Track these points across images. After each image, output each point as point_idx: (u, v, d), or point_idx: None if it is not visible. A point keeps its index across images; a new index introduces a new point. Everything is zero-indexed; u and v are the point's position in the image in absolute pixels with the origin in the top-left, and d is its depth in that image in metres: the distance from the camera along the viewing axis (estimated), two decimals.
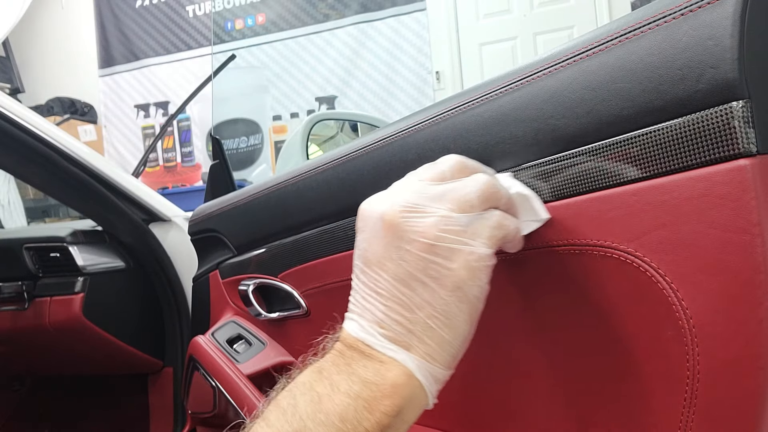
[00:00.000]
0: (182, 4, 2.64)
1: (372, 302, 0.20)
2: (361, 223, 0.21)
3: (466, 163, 0.22)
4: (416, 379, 0.19)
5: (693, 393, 0.21)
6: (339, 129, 0.93)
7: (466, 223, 0.19)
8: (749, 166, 0.19)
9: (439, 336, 0.19)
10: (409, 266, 0.19)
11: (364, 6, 2.31)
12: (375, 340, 0.19)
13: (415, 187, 0.21)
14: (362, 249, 0.21)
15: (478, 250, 0.19)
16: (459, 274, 0.19)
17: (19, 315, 0.69)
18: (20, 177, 0.66)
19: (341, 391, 0.18)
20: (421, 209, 0.20)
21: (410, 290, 0.19)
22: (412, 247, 0.19)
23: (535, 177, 0.25)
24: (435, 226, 0.19)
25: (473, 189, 0.20)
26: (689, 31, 0.20)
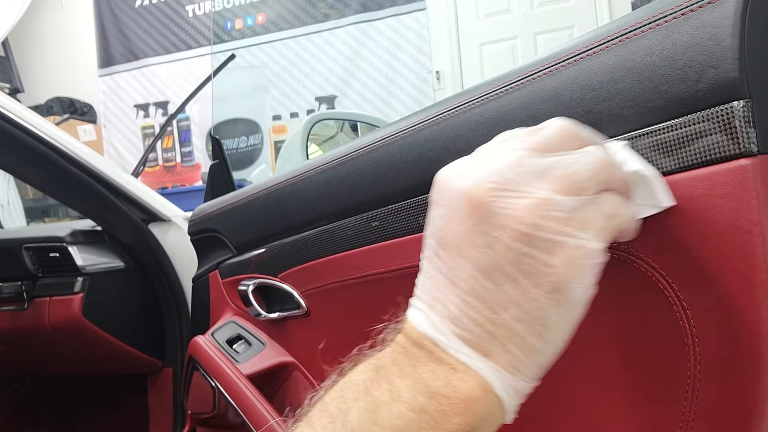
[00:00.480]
0: (182, 4, 2.64)
1: (446, 293, 0.16)
2: (437, 196, 0.17)
3: (577, 132, 0.17)
4: (494, 394, 0.15)
5: (694, 393, 0.21)
6: (339, 129, 0.93)
7: (573, 208, 0.15)
8: (750, 166, 0.19)
9: (527, 344, 0.15)
10: (497, 257, 0.15)
11: (364, 6, 2.31)
12: (447, 340, 0.16)
13: (510, 158, 0.16)
14: (437, 227, 0.17)
15: (588, 244, 0.15)
16: (560, 273, 0.15)
17: (18, 315, 0.69)
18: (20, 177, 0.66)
19: (402, 401, 0.15)
20: (517, 187, 0.15)
21: (495, 286, 0.15)
22: (503, 234, 0.15)
23: None
24: (534, 211, 0.15)
25: (585, 166, 0.16)
26: (690, 30, 0.20)
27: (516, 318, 0.15)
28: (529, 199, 0.15)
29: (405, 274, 0.33)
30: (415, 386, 0.15)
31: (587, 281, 0.16)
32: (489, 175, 0.16)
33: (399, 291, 0.34)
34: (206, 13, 2.60)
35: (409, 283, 0.34)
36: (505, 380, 0.15)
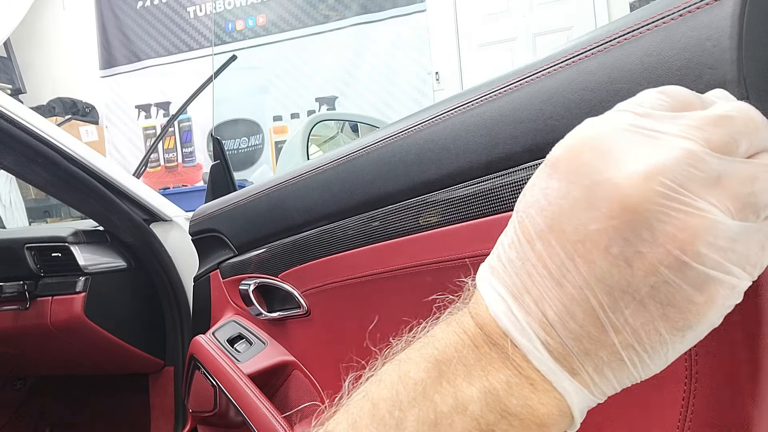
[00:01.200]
0: (183, 5, 2.65)
1: (545, 291, 0.13)
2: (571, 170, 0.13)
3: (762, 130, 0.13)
4: (570, 417, 0.13)
5: (691, 393, 0.21)
6: (339, 129, 0.93)
7: (737, 236, 0.12)
8: None
9: (626, 371, 0.13)
10: (633, 276, 0.12)
11: (364, 7, 2.31)
12: (533, 348, 0.13)
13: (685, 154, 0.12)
14: (556, 207, 0.13)
15: (741, 284, 0.12)
16: (702, 312, 0.12)
17: (20, 315, 0.69)
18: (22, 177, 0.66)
19: (469, 416, 0.13)
20: (688, 199, 0.12)
21: (615, 305, 0.12)
22: (653, 253, 0.12)
23: None
24: (702, 236, 0.12)
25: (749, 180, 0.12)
26: (688, 32, 0.20)
27: (627, 345, 0.13)
28: (699, 218, 0.12)
29: (405, 273, 0.33)
30: (486, 399, 0.13)
31: (718, 320, 0.13)
32: (658, 174, 0.12)
33: (399, 290, 0.34)
34: (207, 15, 2.60)
35: (409, 282, 0.34)
36: (585, 401, 0.13)
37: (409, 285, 0.33)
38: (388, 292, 0.35)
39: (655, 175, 0.12)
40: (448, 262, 0.30)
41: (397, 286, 0.34)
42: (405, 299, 0.34)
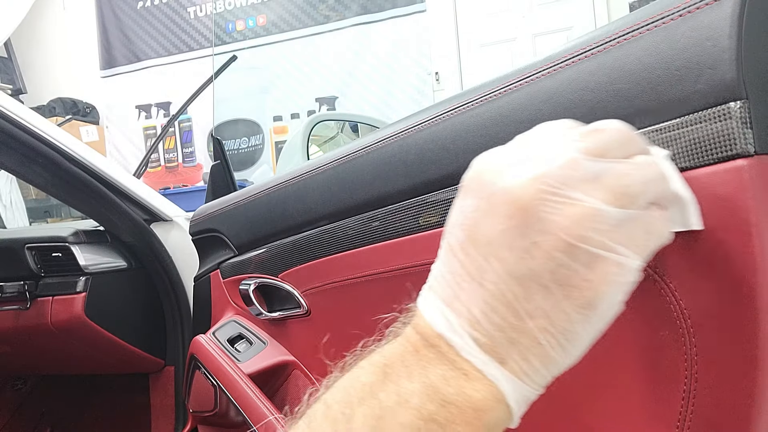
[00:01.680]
0: (183, 6, 2.65)
1: (469, 293, 0.15)
2: (475, 185, 0.16)
3: (634, 138, 0.16)
4: (506, 404, 0.15)
5: (690, 392, 0.21)
6: (339, 129, 0.93)
7: (620, 222, 0.14)
8: (747, 167, 0.19)
9: (547, 355, 0.15)
10: (535, 264, 0.14)
11: (364, 7, 2.31)
12: (464, 343, 0.15)
13: (567, 158, 0.15)
14: (470, 220, 0.15)
15: (628, 262, 0.15)
16: (596, 289, 0.14)
17: (21, 314, 0.69)
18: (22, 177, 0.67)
19: (411, 407, 0.14)
20: (568, 193, 0.14)
21: (526, 293, 0.14)
22: (545, 241, 0.14)
23: None
24: (582, 221, 0.14)
25: (639, 179, 0.15)
26: (687, 32, 0.20)
27: (542, 328, 0.15)
28: (579, 207, 0.14)
29: (405, 273, 0.33)
30: (425, 392, 0.14)
31: (619, 298, 0.15)
32: (540, 176, 0.15)
33: (399, 290, 0.34)
34: (208, 15, 2.60)
35: (408, 282, 0.34)
36: (518, 389, 0.15)
37: (409, 285, 0.33)
38: (389, 292, 0.35)
39: (538, 177, 0.15)
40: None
41: (398, 286, 0.34)
42: (405, 299, 0.34)
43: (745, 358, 0.19)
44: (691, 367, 0.21)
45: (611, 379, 0.24)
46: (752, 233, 0.19)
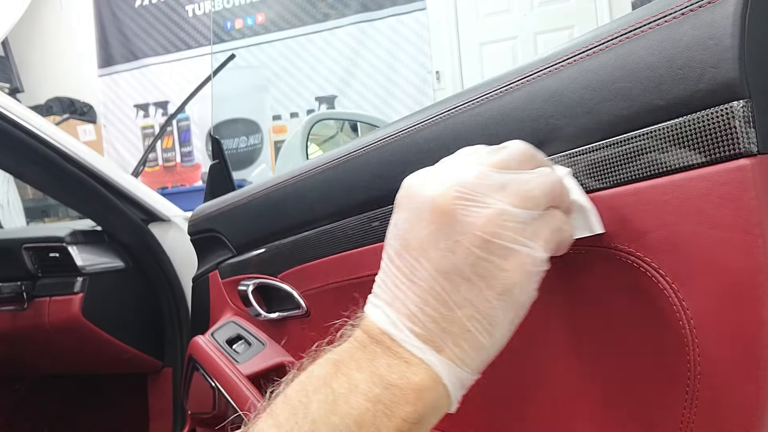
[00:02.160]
0: (182, 4, 2.64)
1: (405, 292, 0.17)
2: (404, 200, 0.19)
3: (534, 154, 0.20)
4: (443, 385, 0.17)
5: (693, 393, 0.21)
6: (339, 129, 0.93)
7: (526, 221, 0.17)
8: (750, 166, 0.19)
9: (476, 340, 0.17)
10: (457, 259, 0.17)
11: (364, 5, 2.31)
12: (403, 336, 0.17)
13: (475, 172, 0.18)
14: (402, 230, 0.18)
15: (536, 253, 0.17)
16: (511, 277, 0.17)
17: (18, 315, 0.69)
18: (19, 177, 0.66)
19: (360, 392, 0.16)
20: (480, 198, 0.17)
21: (453, 286, 0.17)
22: (464, 239, 0.17)
23: None
24: (493, 220, 0.17)
25: (539, 185, 0.18)
26: (690, 30, 0.20)
27: (469, 316, 0.17)
28: (490, 209, 0.17)
29: None
30: (372, 379, 0.16)
31: (532, 286, 0.18)
32: (455, 185, 0.18)
33: None
34: (206, 13, 2.59)
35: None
36: (453, 373, 0.17)
37: None
38: None
39: (453, 186, 0.18)
40: None
41: None
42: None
43: (749, 359, 0.19)
44: (693, 368, 0.20)
45: (613, 380, 0.24)
46: (755, 233, 0.19)
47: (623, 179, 0.22)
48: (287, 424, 0.16)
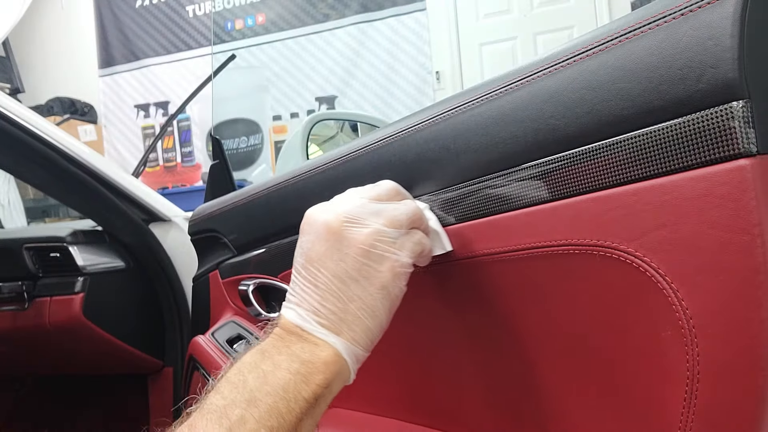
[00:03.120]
0: (182, 4, 2.64)
1: (310, 294, 0.24)
2: (306, 227, 0.25)
3: (399, 190, 0.28)
4: (343, 359, 0.23)
5: (693, 393, 0.21)
6: (339, 129, 0.93)
7: (395, 237, 0.24)
8: (749, 167, 0.19)
9: (364, 324, 0.23)
10: (347, 266, 0.23)
11: (364, 6, 2.31)
12: (311, 326, 0.23)
13: (356, 203, 0.25)
14: (306, 249, 0.25)
15: (402, 259, 0.24)
16: (386, 276, 0.24)
17: (19, 315, 0.69)
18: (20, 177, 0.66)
19: (282, 368, 0.22)
20: (361, 221, 0.24)
21: (345, 286, 0.23)
22: (351, 251, 0.23)
23: (535, 177, 0.25)
24: (371, 236, 0.24)
25: (404, 212, 0.25)
26: (689, 31, 0.20)
27: (358, 307, 0.23)
28: (368, 228, 0.24)
29: None
30: (291, 359, 0.22)
31: (402, 282, 0.25)
32: (342, 213, 0.24)
33: None
34: (206, 14, 2.60)
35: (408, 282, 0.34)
36: (350, 350, 0.23)
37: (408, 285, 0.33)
38: None
39: (341, 213, 0.24)
40: (447, 262, 0.30)
41: None
42: (404, 299, 0.34)
43: (748, 359, 0.19)
44: (693, 368, 0.20)
45: (613, 380, 0.24)
46: (754, 233, 0.19)
47: (623, 179, 0.22)
48: (231, 395, 0.21)
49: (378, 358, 0.38)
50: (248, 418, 0.19)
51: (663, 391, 0.22)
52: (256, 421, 0.19)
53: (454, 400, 0.32)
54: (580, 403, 0.25)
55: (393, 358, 0.36)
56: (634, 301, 0.22)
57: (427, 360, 0.34)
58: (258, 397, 0.20)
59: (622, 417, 0.23)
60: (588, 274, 0.23)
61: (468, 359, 0.31)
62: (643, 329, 0.22)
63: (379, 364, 0.38)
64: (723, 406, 0.20)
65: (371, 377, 0.39)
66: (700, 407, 0.20)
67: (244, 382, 0.21)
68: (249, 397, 0.20)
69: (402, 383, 0.36)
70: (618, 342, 0.23)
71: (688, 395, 0.21)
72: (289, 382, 0.21)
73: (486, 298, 0.29)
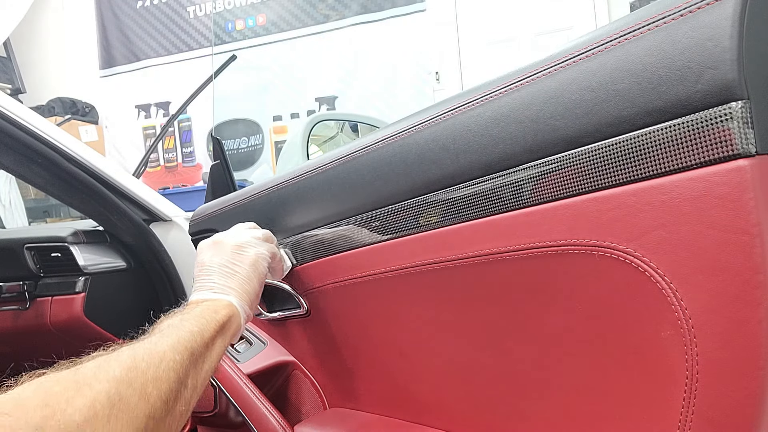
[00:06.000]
0: (183, 5, 2.65)
1: (205, 281, 0.36)
2: (198, 251, 0.39)
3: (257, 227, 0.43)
4: (235, 306, 0.34)
5: (692, 393, 0.21)
6: (339, 129, 0.93)
7: (256, 241, 0.39)
8: (748, 167, 0.19)
9: (245, 288, 0.36)
10: (228, 257, 0.37)
11: (364, 6, 2.31)
12: (210, 295, 0.35)
13: (233, 228, 0.41)
14: (199, 262, 0.37)
15: (262, 251, 0.38)
16: (252, 257, 0.37)
17: (20, 315, 0.69)
18: (21, 177, 0.66)
19: (196, 310, 0.32)
20: (234, 234, 0.39)
21: (228, 269, 0.36)
22: (228, 248, 0.37)
23: (534, 177, 0.25)
24: (242, 239, 0.38)
25: (261, 232, 0.41)
26: (688, 32, 0.20)
27: (239, 279, 0.36)
28: (240, 236, 0.39)
29: (405, 273, 0.33)
30: (200, 306, 0.33)
31: (264, 264, 0.38)
32: (223, 233, 0.40)
33: (398, 290, 0.34)
34: (207, 14, 2.60)
35: (408, 281, 0.34)
36: (238, 303, 0.34)
37: (409, 285, 0.33)
38: (389, 292, 0.35)
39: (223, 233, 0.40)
40: (448, 262, 0.30)
41: (397, 286, 0.34)
42: (405, 299, 0.34)
43: (747, 358, 0.19)
44: (692, 368, 0.21)
45: (612, 380, 0.24)
46: (753, 233, 0.19)
47: (623, 180, 0.22)
48: (165, 325, 0.30)
49: (379, 357, 0.38)
50: (184, 324, 0.29)
51: (662, 391, 0.22)
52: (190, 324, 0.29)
53: (455, 399, 0.32)
54: (580, 403, 0.25)
55: (394, 358, 0.36)
56: (633, 300, 0.22)
57: (430, 360, 0.34)
58: (186, 318, 0.30)
59: (621, 416, 0.24)
60: (587, 274, 0.24)
61: (469, 359, 0.31)
62: (643, 329, 0.22)
63: (381, 364, 0.38)
64: (722, 406, 0.20)
65: (373, 377, 0.39)
66: (699, 407, 0.20)
67: (170, 321, 0.30)
68: (180, 320, 0.30)
69: (404, 383, 0.36)
70: (617, 342, 0.23)
71: (688, 395, 0.21)
72: (203, 312, 0.31)
73: (486, 298, 0.29)
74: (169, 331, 0.28)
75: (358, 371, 0.40)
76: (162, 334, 0.28)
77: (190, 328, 0.29)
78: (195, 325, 0.29)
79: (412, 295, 0.33)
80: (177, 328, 0.29)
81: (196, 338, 0.28)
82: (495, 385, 0.30)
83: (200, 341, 0.29)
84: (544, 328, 0.26)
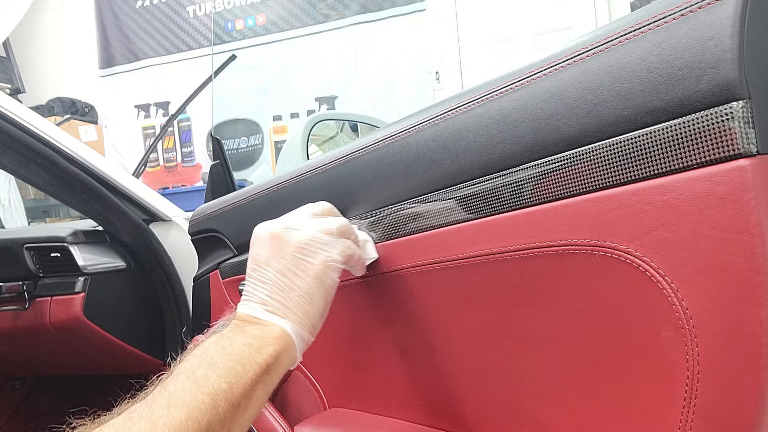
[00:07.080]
0: (183, 5, 2.64)
1: (259, 290, 0.29)
2: (254, 239, 0.31)
3: (333, 209, 0.34)
4: (289, 336, 0.27)
5: (692, 393, 0.21)
6: (339, 129, 0.93)
7: (326, 240, 0.30)
8: (749, 167, 0.19)
9: (304, 309, 0.28)
10: (287, 262, 0.29)
11: (363, 6, 2.31)
12: (261, 314, 0.28)
13: (296, 216, 0.32)
14: (254, 255, 0.30)
15: (333, 255, 0.30)
16: (319, 268, 0.29)
17: (19, 315, 0.69)
18: (21, 177, 0.66)
19: (238, 343, 0.26)
20: (299, 228, 0.30)
21: (287, 279, 0.29)
22: (289, 250, 0.29)
23: (535, 177, 0.25)
24: (306, 237, 0.29)
25: (335, 224, 0.31)
26: (689, 31, 0.20)
27: (298, 295, 0.28)
28: (304, 232, 0.30)
29: (406, 274, 0.33)
30: (245, 336, 0.27)
31: (334, 275, 0.30)
32: (283, 224, 0.31)
33: (398, 290, 0.34)
34: (207, 14, 2.60)
35: (407, 282, 0.34)
36: (294, 329, 0.28)
37: (410, 285, 0.33)
38: (388, 292, 0.35)
39: (282, 224, 0.31)
40: (448, 262, 0.30)
41: (397, 286, 0.34)
42: (404, 299, 0.34)
43: (748, 359, 0.19)
44: (693, 368, 0.20)
45: (613, 379, 0.24)
46: (754, 233, 0.19)
47: (623, 179, 0.22)
48: (195, 362, 0.25)
49: (379, 358, 0.38)
50: (210, 375, 0.24)
51: (663, 391, 0.22)
52: (217, 377, 0.24)
53: (456, 400, 0.32)
54: (580, 403, 0.25)
55: (396, 359, 0.36)
56: (634, 300, 0.22)
57: (431, 360, 0.34)
58: (218, 362, 0.25)
59: (622, 417, 0.23)
60: (588, 274, 0.24)
61: (469, 359, 0.31)
62: (643, 329, 0.22)
63: (381, 364, 0.38)
64: (723, 406, 0.20)
65: (373, 377, 0.39)
66: (700, 407, 0.20)
67: (206, 352, 0.26)
68: (211, 362, 0.25)
69: (404, 383, 0.36)
70: (618, 342, 0.23)
71: (688, 395, 0.21)
72: (244, 351, 0.26)
73: (487, 298, 0.29)
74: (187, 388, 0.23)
75: (358, 371, 0.40)
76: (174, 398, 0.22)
77: (217, 386, 0.23)
78: (225, 378, 0.23)
79: (411, 296, 0.33)
80: (199, 384, 0.23)
81: (220, 403, 0.22)
82: (496, 385, 0.30)
83: (225, 404, 0.23)
84: (544, 328, 0.26)
